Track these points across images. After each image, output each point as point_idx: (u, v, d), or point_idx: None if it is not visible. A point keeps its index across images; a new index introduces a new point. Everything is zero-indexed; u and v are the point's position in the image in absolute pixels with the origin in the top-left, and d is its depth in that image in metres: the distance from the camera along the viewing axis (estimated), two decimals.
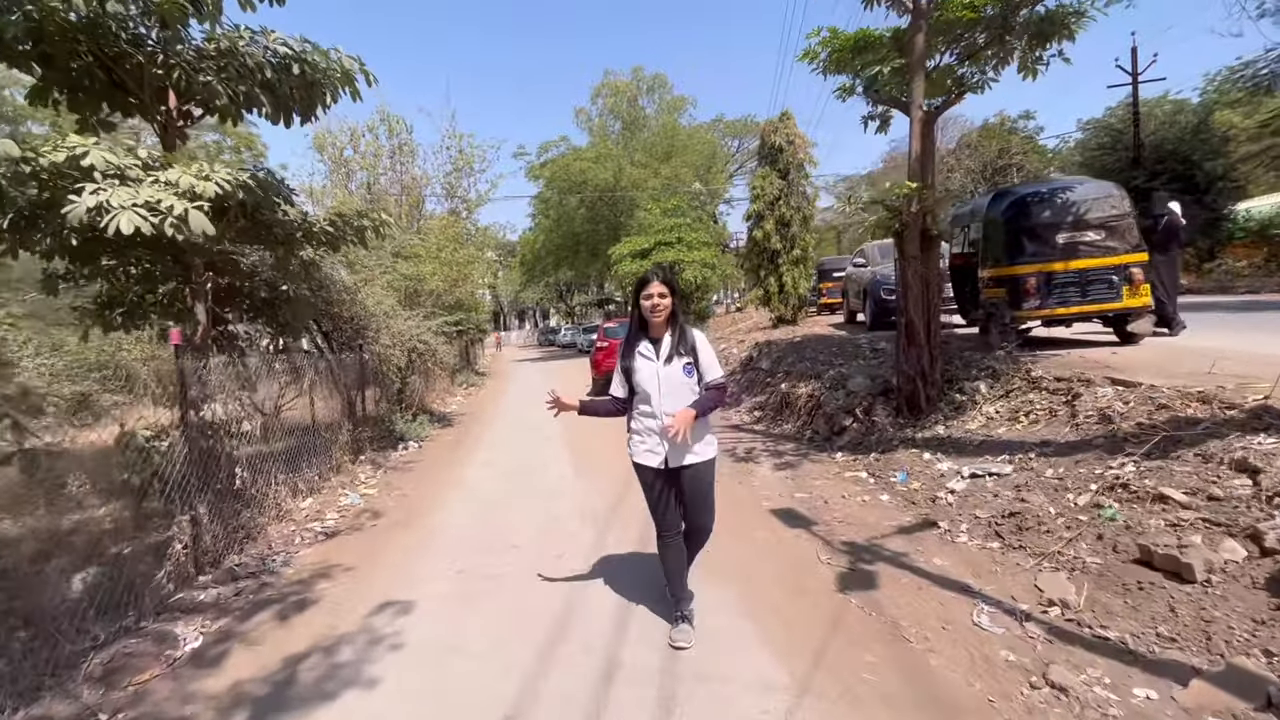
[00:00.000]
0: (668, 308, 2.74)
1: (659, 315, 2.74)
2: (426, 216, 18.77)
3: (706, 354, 2.80)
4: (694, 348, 2.76)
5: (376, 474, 7.06)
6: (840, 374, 7.29)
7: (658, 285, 2.75)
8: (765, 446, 6.73)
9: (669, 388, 2.75)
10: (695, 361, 2.76)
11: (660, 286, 2.75)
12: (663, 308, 2.73)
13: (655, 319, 2.76)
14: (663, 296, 2.73)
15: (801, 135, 15.82)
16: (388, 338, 9.11)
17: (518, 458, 7.51)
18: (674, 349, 2.76)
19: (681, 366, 2.74)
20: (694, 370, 2.75)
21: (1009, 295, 6.34)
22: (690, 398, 2.74)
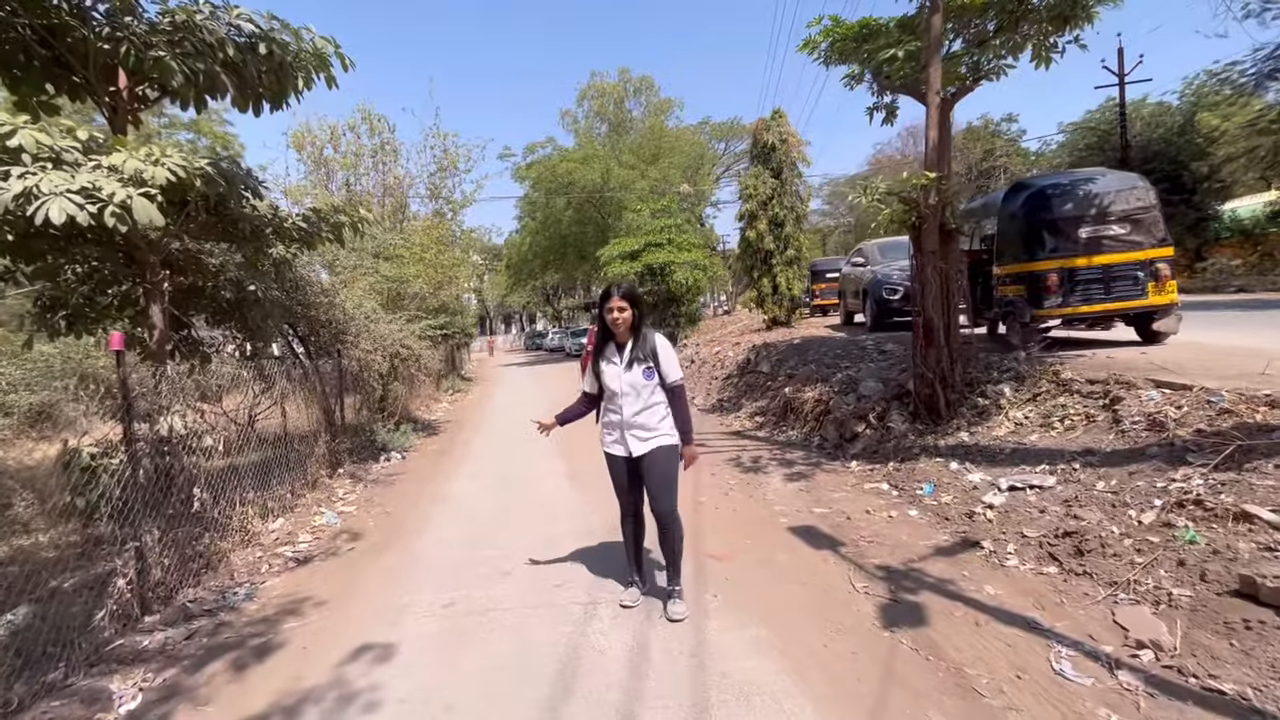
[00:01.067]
0: (627, 320, 3.01)
1: (619, 326, 3.01)
2: (410, 218, 18.22)
3: (666, 357, 3.03)
4: (654, 352, 3.00)
5: (356, 489, 6.56)
6: (850, 377, 6.93)
7: (617, 300, 3.00)
8: (773, 455, 6.33)
9: (630, 389, 3.04)
10: (656, 365, 3.01)
11: (620, 300, 2.99)
12: (622, 320, 3.00)
13: (617, 329, 3.04)
14: (622, 310, 2.99)
15: (794, 133, 15.51)
16: (368, 342, 8.60)
17: (508, 468, 7.05)
18: (634, 355, 3.01)
19: (642, 371, 3.01)
20: (654, 373, 3.02)
21: (1028, 293, 6.02)
22: (649, 398, 3.04)
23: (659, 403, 3.06)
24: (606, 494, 5.79)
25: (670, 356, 3.04)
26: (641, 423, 3.05)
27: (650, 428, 3.06)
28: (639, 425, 3.05)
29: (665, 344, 3.07)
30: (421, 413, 12.77)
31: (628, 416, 3.05)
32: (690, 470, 5.92)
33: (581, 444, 8.08)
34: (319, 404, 8.34)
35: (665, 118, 34.76)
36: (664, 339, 3.10)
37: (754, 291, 16.03)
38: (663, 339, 3.09)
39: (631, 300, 3.02)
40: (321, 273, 14.56)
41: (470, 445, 8.88)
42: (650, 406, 3.04)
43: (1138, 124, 25.32)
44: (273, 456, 5.55)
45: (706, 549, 3.94)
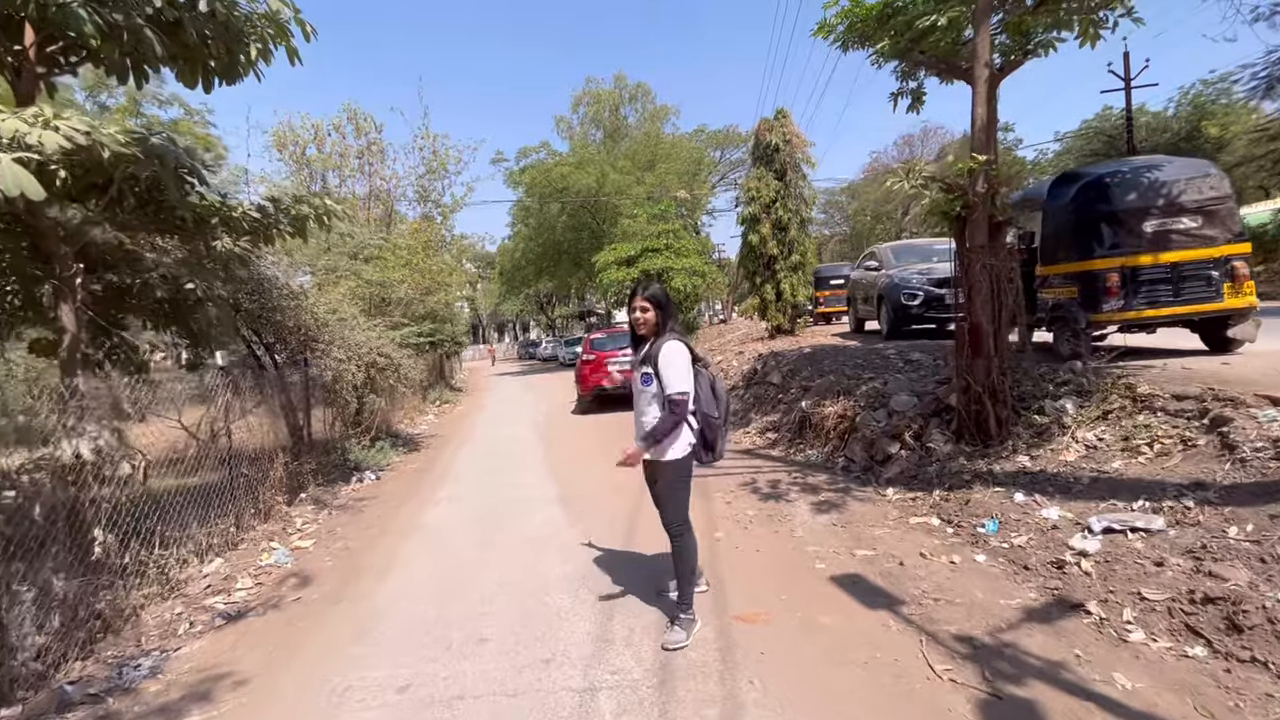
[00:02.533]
0: (648, 322, 2.90)
1: (641, 328, 2.93)
2: (398, 221, 17.46)
3: (668, 366, 2.80)
4: (654, 357, 2.83)
5: (319, 517, 5.75)
6: (877, 390, 6.19)
7: (640, 300, 2.91)
8: (793, 479, 5.58)
9: (636, 393, 2.96)
10: (655, 372, 2.82)
11: (642, 300, 2.90)
12: (644, 321, 2.90)
13: (639, 330, 2.95)
14: (644, 310, 2.89)
15: (799, 134, 14.88)
16: (341, 350, 7.81)
17: (493, 492, 6.26)
18: (641, 359, 2.92)
19: (640, 377, 2.90)
20: (652, 380, 2.85)
21: (1082, 295, 5.31)
22: (648, 406, 2.88)
23: (656, 409, 2.87)
24: (605, 524, 5.04)
25: (675, 366, 2.79)
26: (644, 427, 2.90)
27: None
28: (642, 429, 2.91)
29: (673, 352, 2.82)
30: (404, 426, 11.95)
31: (638, 420, 2.96)
32: (702, 496, 5.13)
33: (574, 462, 7.33)
34: (285, 419, 7.56)
35: (661, 124, 34.24)
36: (676, 347, 2.83)
37: (756, 298, 15.33)
38: (674, 346, 2.83)
39: (655, 302, 2.90)
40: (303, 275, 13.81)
41: (453, 464, 8.08)
42: (648, 414, 2.88)
43: (1143, 130, 24.94)
44: (214, 483, 4.75)
45: (732, 609, 3.17)
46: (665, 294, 2.99)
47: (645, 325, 2.90)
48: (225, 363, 4.79)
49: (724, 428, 3.01)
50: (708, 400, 2.93)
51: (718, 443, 2.98)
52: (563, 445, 8.75)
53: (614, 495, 5.53)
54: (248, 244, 4.94)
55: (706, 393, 2.94)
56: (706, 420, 2.93)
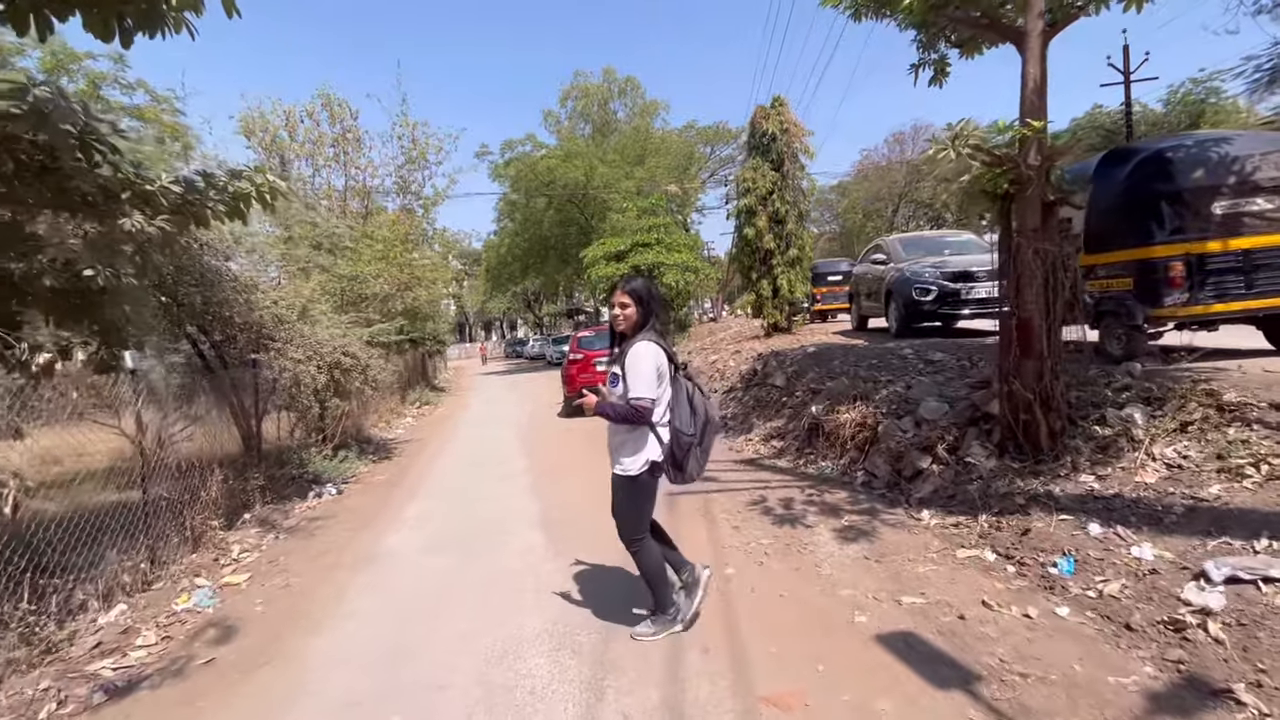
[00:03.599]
0: (627, 319, 2.73)
1: (619, 324, 2.76)
2: (376, 212, 16.57)
3: (634, 368, 2.61)
4: (623, 359, 2.66)
5: (262, 542, 4.98)
6: (899, 394, 5.52)
7: (620, 295, 2.75)
8: (809, 497, 4.89)
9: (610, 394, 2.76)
10: (622, 374, 2.66)
11: (623, 296, 2.74)
12: (621, 318, 2.74)
13: (617, 327, 2.79)
14: (624, 306, 2.73)
15: (797, 122, 14.23)
16: (300, 350, 7.00)
17: (467, 512, 5.50)
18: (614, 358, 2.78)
19: (610, 376, 2.75)
20: (619, 382, 2.68)
21: (1139, 287, 4.68)
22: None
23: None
24: (592, 554, 4.31)
25: (641, 370, 2.59)
26: (609, 434, 2.79)
27: (613, 447, 2.78)
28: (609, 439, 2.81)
29: (642, 353, 2.62)
30: (378, 430, 11.16)
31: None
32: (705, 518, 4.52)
33: (558, 473, 6.58)
34: (237, 426, 6.77)
35: (651, 119, 33.50)
36: (647, 348, 2.63)
37: (751, 295, 14.67)
38: (643, 348, 2.63)
39: (636, 297, 2.72)
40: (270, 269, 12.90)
41: (427, 475, 7.31)
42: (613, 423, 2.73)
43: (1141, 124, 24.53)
44: (125, 504, 3.96)
45: (758, 684, 2.45)
46: (649, 289, 2.79)
47: (625, 322, 2.73)
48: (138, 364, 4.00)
49: (698, 448, 2.74)
50: (683, 414, 2.70)
51: (688, 462, 2.71)
52: (546, 453, 8.01)
53: (603, 515, 4.79)
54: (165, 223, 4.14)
55: (683, 406, 2.71)
56: (677, 436, 2.68)
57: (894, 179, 45.89)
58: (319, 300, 10.79)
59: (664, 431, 2.70)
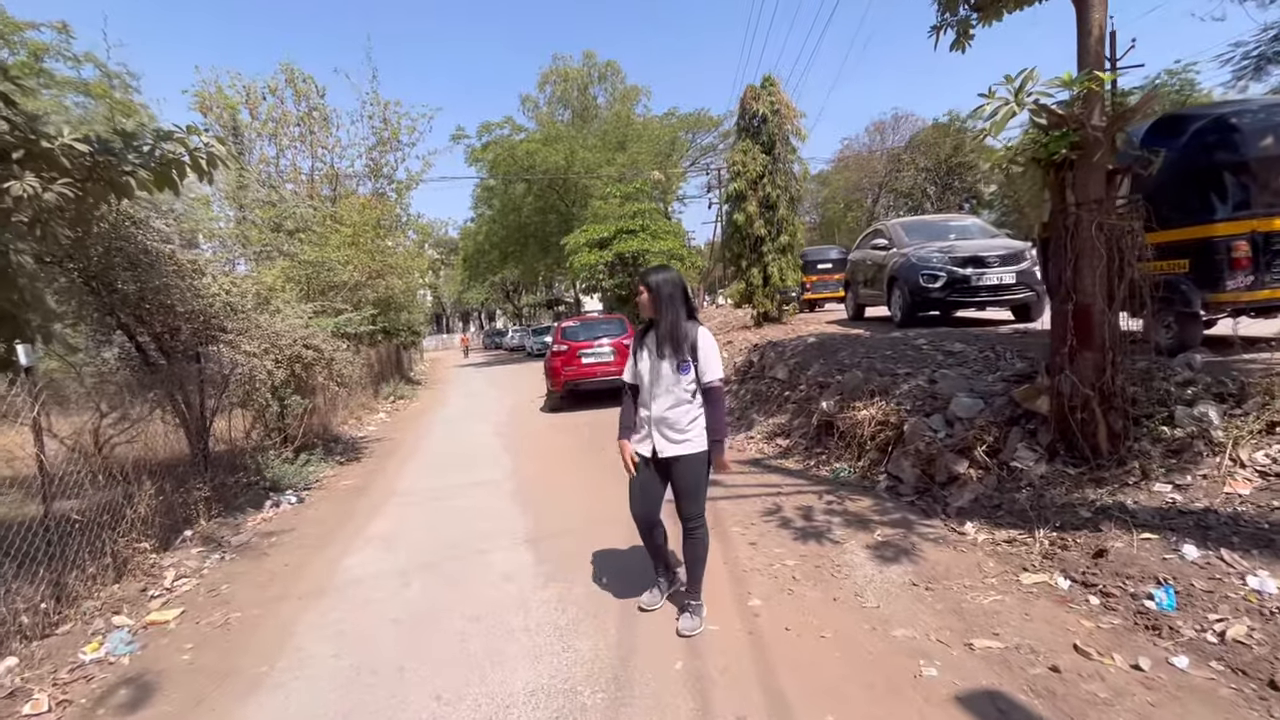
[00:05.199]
0: (645, 303, 2.83)
1: (642, 310, 2.87)
2: (346, 195, 15.63)
3: (707, 352, 2.75)
4: (693, 345, 2.74)
5: (204, 565, 4.30)
6: (922, 389, 5.00)
7: (640, 284, 2.87)
8: (829, 505, 4.36)
9: (658, 381, 2.80)
10: (694, 359, 2.74)
11: (640, 285, 2.86)
12: (642, 304, 2.84)
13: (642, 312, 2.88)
14: (639, 294, 2.85)
15: (788, 103, 13.64)
16: (255, 342, 6.26)
17: (441, 526, 4.87)
18: (663, 344, 2.77)
19: (676, 364, 2.75)
20: (690, 369, 2.75)
21: (1196, 269, 4.22)
22: (679, 395, 2.76)
23: (690, 402, 2.77)
24: (594, 573, 3.74)
25: (712, 352, 2.76)
26: (672, 421, 2.78)
27: (681, 429, 2.78)
28: (668, 424, 2.78)
29: (707, 337, 2.78)
30: (348, 428, 10.42)
31: (657, 412, 2.80)
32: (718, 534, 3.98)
33: (546, 478, 5.91)
34: (185, 428, 6.03)
35: (632, 105, 32.71)
36: (707, 332, 2.80)
37: (741, 283, 14.15)
38: (706, 332, 2.80)
39: (646, 285, 2.83)
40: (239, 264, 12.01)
41: (397, 480, 6.64)
42: (681, 404, 2.77)
43: None
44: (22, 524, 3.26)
45: None
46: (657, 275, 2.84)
47: (644, 307, 2.84)
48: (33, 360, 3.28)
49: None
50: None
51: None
52: (532, 454, 7.38)
53: (600, 526, 4.23)
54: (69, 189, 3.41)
55: None
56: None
57: (874, 168, 45.82)
58: (282, 288, 10.02)
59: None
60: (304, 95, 15.40)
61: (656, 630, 2.87)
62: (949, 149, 42.78)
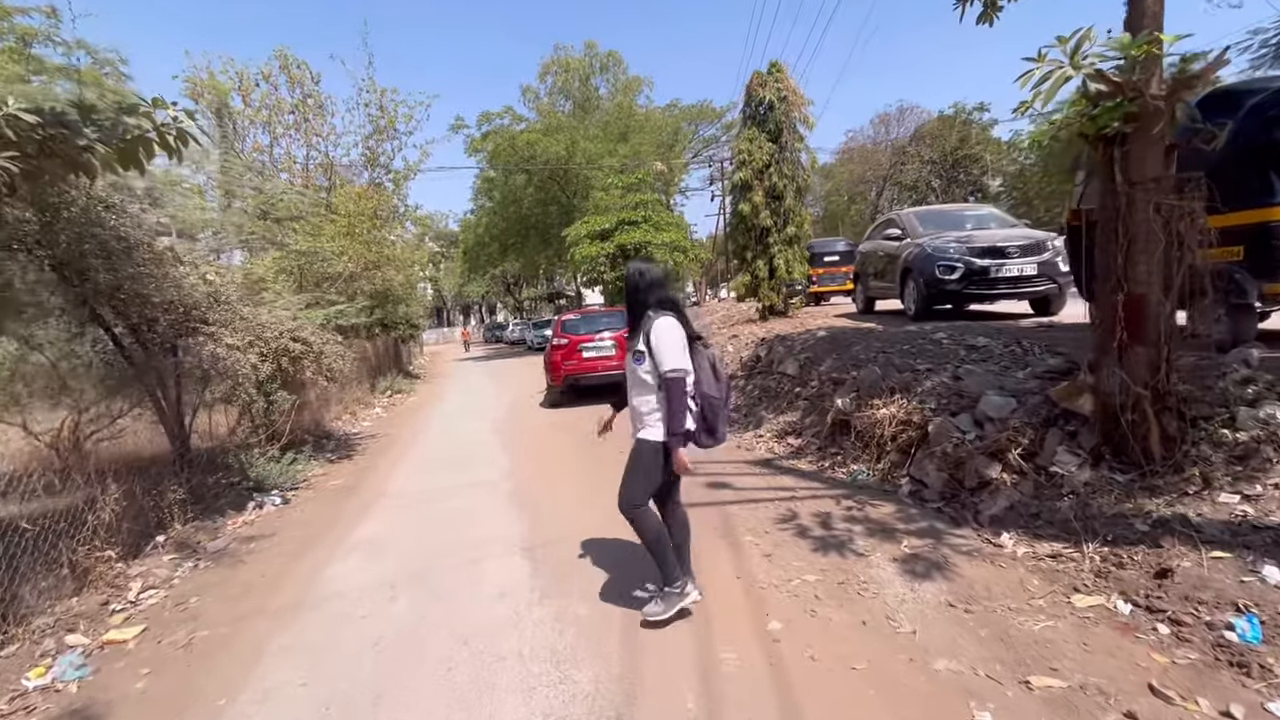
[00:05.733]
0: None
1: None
2: (341, 184, 15.28)
3: (659, 343, 2.66)
4: (646, 335, 2.70)
5: (175, 575, 3.99)
6: (947, 386, 4.67)
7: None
8: (848, 511, 4.04)
9: (629, 370, 2.85)
10: (647, 350, 2.71)
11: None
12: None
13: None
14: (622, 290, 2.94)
15: (796, 90, 13.26)
16: (239, 334, 5.94)
17: (432, 532, 4.56)
18: (631, 334, 2.85)
19: (634, 354, 2.77)
20: (644, 359, 2.73)
21: (1252, 257, 3.88)
22: (643, 387, 2.76)
23: (650, 392, 2.74)
24: (598, 587, 3.41)
25: (666, 342, 2.64)
26: (635, 408, 2.81)
27: (640, 416, 2.78)
28: (633, 411, 2.82)
29: (663, 328, 2.67)
30: (342, 424, 10.10)
31: (629, 400, 2.88)
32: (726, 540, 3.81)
33: (545, 478, 5.55)
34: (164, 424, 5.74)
35: (635, 96, 32.21)
36: (667, 322, 2.69)
37: (746, 276, 13.80)
38: (664, 322, 2.69)
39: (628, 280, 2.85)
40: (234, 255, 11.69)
41: (388, 480, 6.33)
42: (641, 393, 2.77)
43: None
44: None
45: None
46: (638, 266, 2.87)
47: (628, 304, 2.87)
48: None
49: (725, 409, 2.80)
50: (708, 379, 2.77)
51: (719, 424, 2.78)
52: (530, 452, 7.07)
53: (600, 534, 3.91)
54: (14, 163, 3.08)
55: (706, 371, 2.78)
56: (708, 400, 2.75)
57: (878, 161, 45.35)
58: (273, 280, 9.70)
59: (692, 402, 2.71)
60: (298, 81, 15.02)
61: (664, 657, 2.55)
62: (955, 141, 42.31)
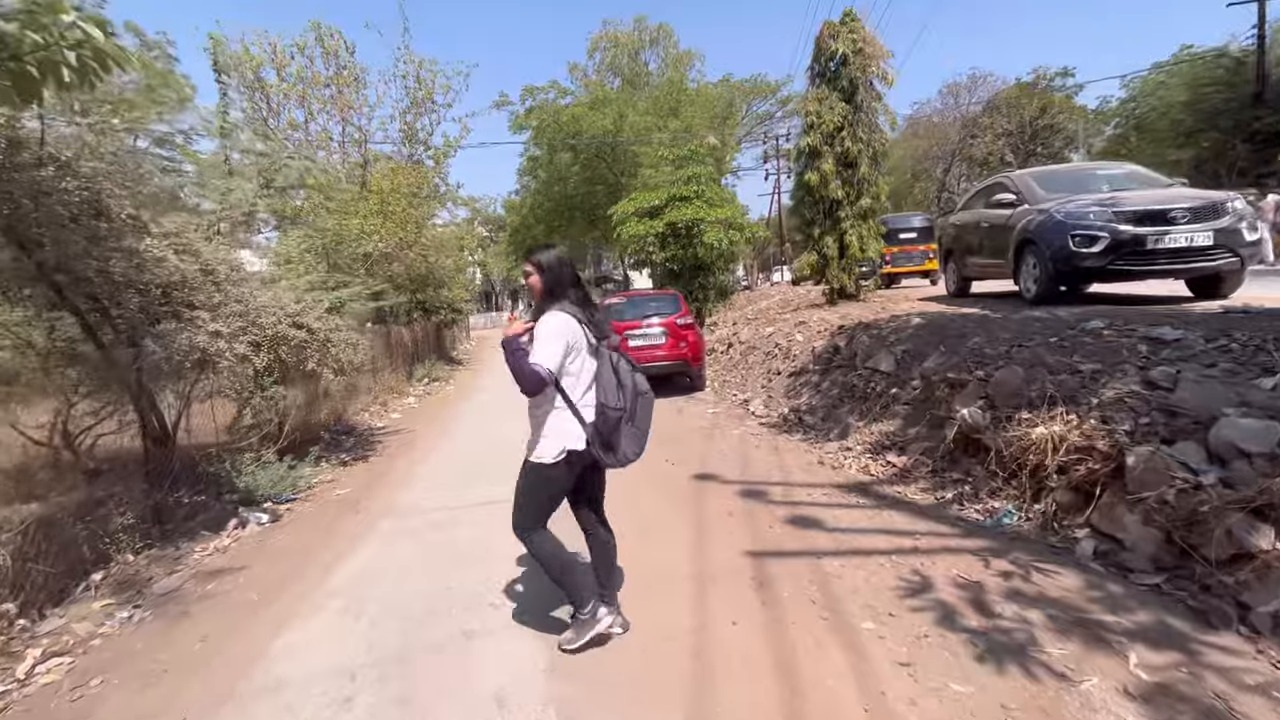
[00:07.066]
0: (534, 286, 2.55)
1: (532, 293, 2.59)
2: (375, 159, 14.54)
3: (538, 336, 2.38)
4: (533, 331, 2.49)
5: (97, 632, 3.09)
6: (1143, 397, 3.26)
7: (526, 264, 2.59)
8: (1005, 581, 2.74)
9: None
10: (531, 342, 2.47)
11: (526, 265, 2.59)
12: (531, 286, 2.55)
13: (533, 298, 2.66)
14: (528, 275, 2.57)
15: (874, 41, 11.59)
16: (221, 320, 5.03)
17: (432, 574, 3.49)
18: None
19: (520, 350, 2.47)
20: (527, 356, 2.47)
21: None
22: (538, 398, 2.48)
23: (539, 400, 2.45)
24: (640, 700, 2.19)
25: (543, 335, 2.36)
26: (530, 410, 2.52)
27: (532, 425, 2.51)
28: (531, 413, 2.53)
29: (547, 321, 2.39)
30: (369, 415, 9.33)
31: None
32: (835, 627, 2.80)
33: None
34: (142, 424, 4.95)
35: (686, 71, 30.54)
36: (554, 317, 2.40)
37: (812, 255, 12.30)
38: (550, 317, 2.40)
39: (538, 266, 2.51)
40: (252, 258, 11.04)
41: (400, 490, 5.36)
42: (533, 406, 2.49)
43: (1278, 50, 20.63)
44: None
45: None
46: (558, 258, 2.54)
47: (533, 290, 2.54)
48: None
49: (630, 424, 2.43)
50: (609, 387, 2.41)
51: (618, 440, 2.41)
52: None
53: (648, 598, 2.75)
54: None
55: (608, 378, 2.43)
56: (603, 412, 2.39)
57: (946, 135, 42.37)
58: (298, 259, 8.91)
59: (588, 412, 2.42)
60: (333, 52, 14.28)
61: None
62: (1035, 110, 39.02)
